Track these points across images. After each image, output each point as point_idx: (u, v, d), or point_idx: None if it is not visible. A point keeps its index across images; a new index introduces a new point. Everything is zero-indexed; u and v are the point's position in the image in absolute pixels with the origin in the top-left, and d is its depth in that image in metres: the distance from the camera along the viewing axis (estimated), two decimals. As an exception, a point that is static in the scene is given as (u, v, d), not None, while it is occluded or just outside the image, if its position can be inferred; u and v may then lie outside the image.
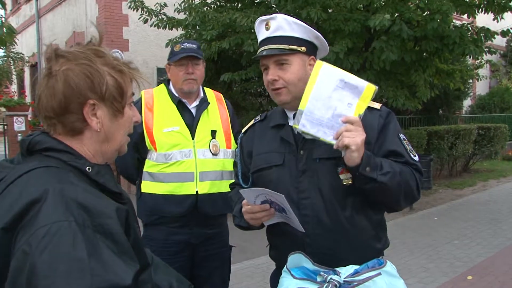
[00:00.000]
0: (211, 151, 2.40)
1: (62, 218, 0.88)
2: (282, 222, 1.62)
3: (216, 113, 2.54)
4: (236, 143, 2.50)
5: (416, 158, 1.64)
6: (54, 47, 1.09)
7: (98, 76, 1.06)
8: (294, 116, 1.65)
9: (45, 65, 1.09)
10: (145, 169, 2.39)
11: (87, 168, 1.06)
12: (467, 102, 16.70)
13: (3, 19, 12.23)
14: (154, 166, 2.35)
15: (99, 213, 0.93)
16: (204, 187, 2.35)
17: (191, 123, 2.42)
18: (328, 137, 1.49)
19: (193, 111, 2.46)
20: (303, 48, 1.63)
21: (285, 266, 1.57)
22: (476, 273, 4.66)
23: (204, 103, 2.49)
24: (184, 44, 2.45)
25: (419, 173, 1.62)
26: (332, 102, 1.49)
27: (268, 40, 1.64)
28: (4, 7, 6.69)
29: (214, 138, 2.43)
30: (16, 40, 9.81)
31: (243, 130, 1.92)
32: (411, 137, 9.43)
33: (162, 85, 2.54)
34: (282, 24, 1.62)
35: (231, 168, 2.45)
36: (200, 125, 2.42)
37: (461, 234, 6.12)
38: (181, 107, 2.44)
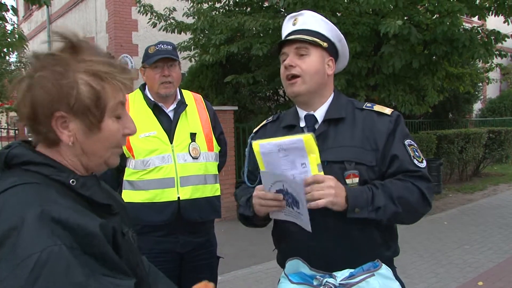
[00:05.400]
0: (191, 155, 2.30)
1: (51, 243, 0.80)
2: (288, 225, 1.60)
3: (195, 115, 2.44)
4: (219, 145, 2.51)
5: (421, 165, 1.59)
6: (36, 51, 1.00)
7: (67, 86, 0.94)
8: (305, 117, 1.67)
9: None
10: (125, 178, 2.29)
11: (71, 181, 0.97)
12: (477, 106, 16.57)
13: (15, 25, 12.40)
14: (134, 174, 2.26)
15: (85, 233, 0.86)
16: (186, 193, 2.25)
17: (169, 127, 2.33)
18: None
19: (171, 114, 2.37)
20: (325, 44, 1.64)
21: (283, 272, 1.57)
22: (487, 279, 4.60)
23: (181, 106, 2.40)
24: (159, 45, 2.37)
25: (424, 181, 1.57)
26: (288, 172, 1.45)
27: (293, 33, 1.66)
28: (16, 14, 6.79)
29: (194, 141, 2.34)
30: (28, 46, 9.93)
31: (254, 130, 1.91)
32: (420, 141, 9.38)
33: (138, 90, 2.46)
34: (309, 19, 1.66)
35: (214, 171, 2.40)
36: (178, 129, 2.33)
37: (471, 239, 6.06)
38: (158, 111, 2.36)
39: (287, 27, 1.71)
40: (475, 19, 7.82)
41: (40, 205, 0.86)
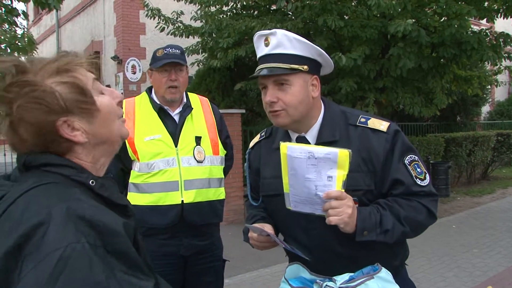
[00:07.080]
0: (195, 158, 2.30)
1: (74, 240, 0.82)
2: (291, 242, 1.65)
3: (201, 118, 2.44)
4: (225, 149, 2.51)
5: (425, 183, 1.55)
6: None
7: (48, 96, 0.95)
8: (297, 139, 1.61)
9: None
10: (131, 180, 2.31)
11: (90, 182, 1.00)
12: (485, 108, 16.46)
13: (25, 29, 12.54)
14: (139, 177, 2.27)
15: (109, 231, 0.87)
16: (189, 196, 2.26)
17: (174, 130, 2.33)
18: (322, 212, 1.47)
19: (176, 118, 2.37)
20: (305, 67, 1.52)
21: (283, 277, 1.57)
22: (496, 283, 4.56)
23: (187, 109, 2.40)
24: (167, 49, 2.37)
25: (429, 197, 1.55)
26: (311, 182, 1.43)
27: (268, 58, 1.54)
28: (27, 18, 6.87)
29: (199, 145, 2.34)
30: (37, 50, 10.04)
31: (250, 145, 1.86)
32: (428, 144, 9.33)
33: (144, 93, 2.47)
34: (283, 41, 1.51)
35: (219, 175, 2.41)
36: (183, 132, 2.33)
37: (480, 243, 6.02)
38: (163, 114, 2.36)
39: (260, 47, 1.58)
40: (484, 21, 7.78)
41: (65, 202, 0.88)
